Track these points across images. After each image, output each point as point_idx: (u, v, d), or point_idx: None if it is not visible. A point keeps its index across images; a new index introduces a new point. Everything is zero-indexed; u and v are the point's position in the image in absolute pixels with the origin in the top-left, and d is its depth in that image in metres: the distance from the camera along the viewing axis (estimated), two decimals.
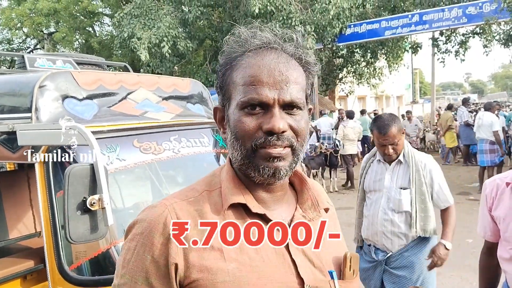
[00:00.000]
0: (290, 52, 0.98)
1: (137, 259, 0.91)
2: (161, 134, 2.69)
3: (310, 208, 1.05)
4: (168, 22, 12.63)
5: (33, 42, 21.68)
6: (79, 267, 2.17)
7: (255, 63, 0.94)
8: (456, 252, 5.70)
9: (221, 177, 1.02)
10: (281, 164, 0.94)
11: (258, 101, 0.92)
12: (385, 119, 2.83)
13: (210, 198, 0.97)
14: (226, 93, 0.99)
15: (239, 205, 0.96)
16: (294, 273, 0.94)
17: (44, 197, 2.20)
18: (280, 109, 0.93)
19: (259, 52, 0.96)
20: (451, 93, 62.63)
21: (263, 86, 0.92)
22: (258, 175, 0.94)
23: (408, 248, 2.82)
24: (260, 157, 0.93)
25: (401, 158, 2.85)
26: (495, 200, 2.10)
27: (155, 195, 2.74)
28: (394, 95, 35.17)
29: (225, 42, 1.02)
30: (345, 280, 1.02)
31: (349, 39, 14.13)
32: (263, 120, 0.92)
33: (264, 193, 1.00)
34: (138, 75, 3.00)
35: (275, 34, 1.00)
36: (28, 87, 2.31)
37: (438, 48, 15.84)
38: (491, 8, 11.30)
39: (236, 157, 0.96)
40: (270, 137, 0.92)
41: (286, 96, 0.92)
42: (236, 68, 0.97)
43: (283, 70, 0.93)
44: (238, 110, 0.94)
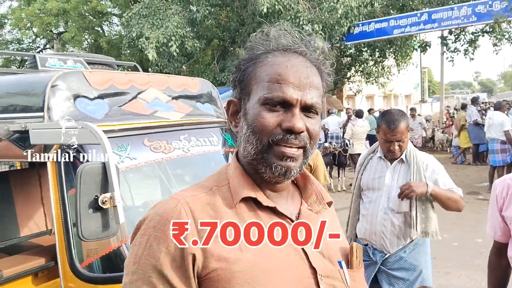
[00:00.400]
0: (314, 60, 1.02)
1: (150, 252, 0.90)
2: (171, 133, 2.71)
3: (315, 202, 1.09)
4: (176, 22, 12.67)
5: (42, 42, 21.88)
6: (90, 265, 2.19)
7: (283, 63, 0.97)
8: (465, 252, 5.69)
9: (228, 174, 1.04)
10: (293, 165, 0.97)
11: (282, 99, 0.94)
12: (395, 114, 2.76)
13: (220, 193, 0.99)
14: (246, 87, 1.01)
15: (250, 199, 0.99)
16: (307, 263, 0.97)
17: (56, 195, 2.23)
18: (300, 110, 0.96)
19: (287, 53, 0.99)
20: (460, 92, 62.15)
21: (288, 85, 0.95)
22: (269, 172, 0.97)
23: (406, 250, 2.76)
24: (274, 155, 0.96)
25: (404, 157, 2.77)
26: (506, 200, 2.08)
27: (165, 194, 2.76)
28: (403, 94, 34.99)
29: (251, 37, 1.04)
30: (353, 269, 1.06)
31: (357, 38, 14.05)
32: (284, 118, 0.95)
33: (270, 190, 1.02)
34: (148, 74, 3.03)
35: (302, 38, 1.03)
36: (40, 87, 2.34)
37: (447, 47, 15.72)
38: (501, 6, 11.19)
39: (250, 151, 0.98)
40: (289, 135, 0.95)
41: (308, 99, 0.96)
42: (261, 64, 0.99)
43: (309, 74, 0.97)
44: (259, 105, 0.96)
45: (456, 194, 2.72)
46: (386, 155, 2.82)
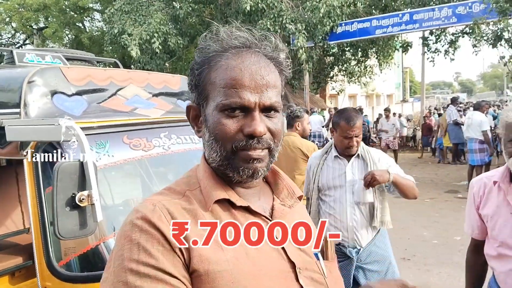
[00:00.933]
0: (269, 55, 1.00)
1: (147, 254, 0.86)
2: (151, 130, 2.68)
3: (287, 196, 1.10)
4: (159, 18, 12.58)
5: (22, 37, 21.46)
6: (68, 263, 2.16)
7: (236, 66, 0.94)
8: (444, 249, 5.78)
9: (198, 176, 1.03)
10: (259, 166, 0.97)
11: (240, 104, 0.93)
12: (352, 111, 2.92)
13: (194, 197, 0.98)
14: (202, 92, 0.99)
15: (224, 200, 0.98)
16: (285, 257, 0.98)
17: (32, 193, 2.18)
18: (260, 112, 0.95)
19: (239, 53, 0.96)
20: (441, 92, 63.11)
21: (245, 90, 0.93)
22: (237, 175, 0.97)
23: (375, 242, 2.87)
24: (240, 159, 0.96)
25: (360, 153, 2.91)
26: (483, 198, 2.13)
27: (145, 192, 2.74)
28: (385, 94, 35.40)
29: (201, 39, 1.01)
30: (329, 260, 1.08)
31: (340, 37, 14.16)
32: (244, 123, 0.94)
33: (242, 189, 1.03)
34: (128, 71, 2.99)
35: (253, 35, 1.00)
36: (17, 83, 2.29)
37: (428, 47, 15.96)
38: (480, 8, 11.41)
39: (215, 158, 0.98)
40: (251, 141, 0.94)
41: (266, 100, 0.95)
42: (215, 68, 0.96)
43: (264, 74, 0.95)
44: (218, 112, 0.95)
45: (411, 181, 2.87)
46: (344, 152, 2.92)
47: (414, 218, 6.36)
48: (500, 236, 2.02)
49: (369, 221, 2.84)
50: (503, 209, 2.02)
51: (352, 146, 2.85)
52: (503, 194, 2.03)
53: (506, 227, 2.00)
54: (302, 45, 12.27)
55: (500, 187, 2.04)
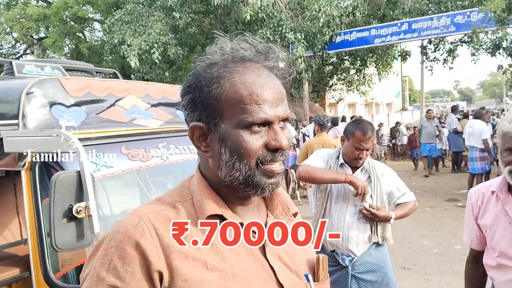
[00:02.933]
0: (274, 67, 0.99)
1: (115, 274, 0.85)
2: (149, 141, 2.68)
3: (281, 213, 1.08)
4: (159, 29, 12.64)
5: (22, 47, 21.55)
6: (65, 275, 2.15)
7: (254, 81, 0.93)
8: (444, 258, 5.75)
9: (191, 188, 1.01)
10: (280, 179, 0.97)
11: (265, 120, 0.92)
12: (368, 123, 2.93)
13: (184, 209, 0.97)
14: (214, 110, 0.94)
15: (215, 216, 0.96)
16: (274, 279, 0.96)
17: (30, 204, 2.18)
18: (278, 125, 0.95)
19: (250, 68, 0.95)
20: (440, 100, 63.21)
21: (266, 105, 0.92)
22: (260, 192, 0.96)
23: (371, 252, 2.87)
24: (264, 175, 0.94)
25: (366, 166, 2.95)
26: (481, 208, 2.12)
27: (143, 203, 2.72)
28: (384, 102, 35.45)
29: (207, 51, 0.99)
30: (320, 282, 1.05)
31: (339, 46, 14.23)
32: (268, 137, 0.93)
33: (239, 205, 1.01)
34: (126, 82, 3.00)
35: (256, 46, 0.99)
36: (16, 94, 2.30)
37: (427, 56, 16.02)
38: (479, 17, 11.46)
39: (237, 177, 0.94)
40: (277, 154, 0.94)
41: (283, 113, 0.95)
42: (229, 83, 0.92)
43: (278, 88, 0.96)
44: (240, 129, 0.92)
45: (409, 205, 2.98)
46: (351, 163, 2.92)
47: (414, 227, 6.33)
48: (499, 246, 2.01)
49: (369, 234, 2.86)
50: (502, 219, 2.01)
51: (361, 158, 2.86)
52: (501, 204, 2.02)
53: (504, 237, 1.99)
54: (301, 54, 12.31)
55: (498, 196, 2.03)
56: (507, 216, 1.99)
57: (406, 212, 2.96)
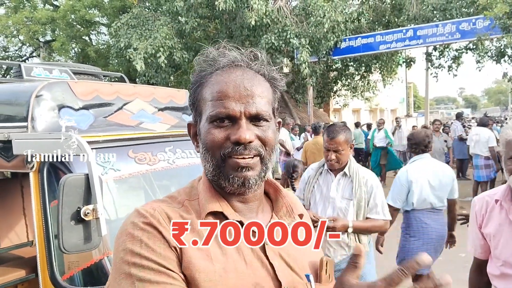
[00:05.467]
0: (255, 69, 1.04)
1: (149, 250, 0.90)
2: (156, 144, 2.70)
3: (285, 215, 1.11)
4: (165, 33, 12.70)
5: (29, 50, 21.68)
6: (71, 277, 2.16)
7: (222, 80, 1.00)
8: (449, 266, 5.73)
9: (198, 188, 1.06)
10: (249, 174, 0.99)
11: (226, 114, 0.97)
12: (337, 126, 3.04)
13: (191, 207, 1.02)
14: (197, 109, 1.05)
15: (218, 213, 1.01)
16: (273, 275, 0.99)
17: (38, 206, 2.20)
18: (247, 121, 0.99)
19: (227, 70, 1.02)
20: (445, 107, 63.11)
21: (229, 100, 0.98)
22: (228, 184, 0.99)
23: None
24: (229, 167, 0.99)
25: (347, 171, 2.99)
26: (485, 217, 2.11)
27: None
28: (388, 109, 35.41)
29: (195, 61, 1.09)
30: (322, 283, 1.06)
31: (344, 52, 14.25)
32: (231, 131, 0.98)
33: (239, 203, 1.04)
34: (134, 86, 3.02)
35: (242, 53, 1.05)
36: (25, 97, 2.32)
37: (432, 63, 16.02)
38: (484, 24, 11.47)
39: (208, 169, 1.02)
40: (238, 147, 0.97)
41: (252, 109, 0.98)
42: (205, 85, 1.03)
43: (247, 86, 0.99)
44: (208, 123, 1.00)
45: (377, 222, 2.96)
46: (327, 165, 3.05)
47: None
48: (502, 255, 2.01)
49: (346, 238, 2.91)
50: (506, 228, 2.00)
51: (330, 159, 2.95)
52: (505, 213, 2.01)
53: (508, 246, 1.98)
54: (306, 59, 12.34)
55: (502, 205, 2.02)
56: (511, 224, 1.98)
57: (368, 226, 2.95)
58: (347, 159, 3.02)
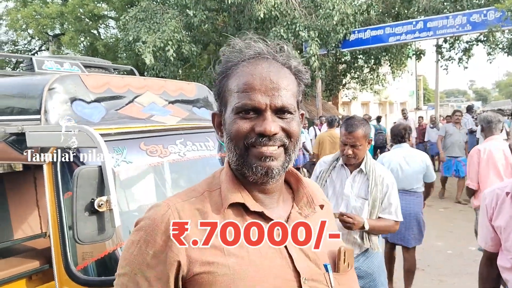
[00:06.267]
0: (281, 61, 1.05)
1: (139, 253, 0.97)
2: (167, 137, 2.72)
3: (305, 205, 1.12)
4: (173, 26, 12.68)
5: (38, 43, 21.80)
6: (85, 268, 2.19)
7: (249, 72, 1.01)
8: (459, 260, 5.71)
9: (220, 178, 1.08)
10: (273, 164, 1.00)
11: (251, 106, 0.99)
12: (356, 119, 2.89)
13: (210, 198, 1.04)
14: (222, 99, 1.06)
15: (238, 205, 1.02)
16: (291, 266, 1.00)
17: (52, 198, 2.23)
18: (272, 113, 1.00)
19: (253, 61, 1.03)
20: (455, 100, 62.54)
21: (256, 93, 0.99)
22: (252, 173, 1.01)
23: (359, 259, 2.83)
24: (253, 156, 1.00)
25: (363, 168, 2.85)
26: (495, 210, 2.10)
27: (160, 198, 2.76)
28: (398, 102, 35.18)
29: (221, 52, 1.10)
30: (340, 272, 1.07)
31: (353, 45, 14.14)
32: (256, 123, 0.99)
33: (261, 193, 1.06)
34: (144, 79, 3.04)
35: (268, 45, 1.06)
36: (38, 89, 2.34)
37: (442, 55, 15.85)
38: (495, 16, 11.31)
39: (232, 158, 1.03)
40: (262, 138, 0.99)
41: (277, 101, 1.00)
42: (231, 76, 1.04)
43: (274, 79, 1.01)
44: (233, 114, 1.01)
45: (388, 222, 2.84)
46: (343, 159, 2.90)
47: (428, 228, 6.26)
48: None
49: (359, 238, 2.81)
50: None
51: (347, 154, 2.80)
52: None
53: None
54: (315, 52, 12.26)
55: None
56: None
57: (380, 226, 2.82)
58: (364, 155, 2.87)
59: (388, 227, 2.87)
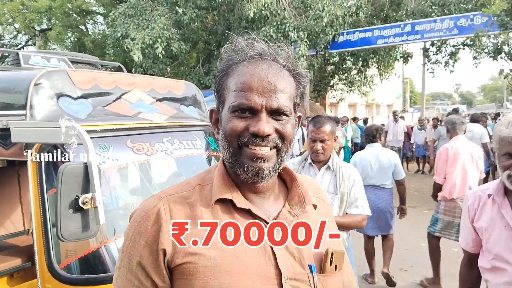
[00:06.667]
0: (281, 63, 1.06)
1: (133, 244, 1.01)
2: (154, 135, 2.70)
3: (296, 204, 1.12)
4: (163, 23, 12.61)
5: (24, 38, 21.49)
6: (68, 266, 2.17)
7: (248, 72, 1.02)
8: (442, 260, 5.77)
9: (214, 173, 1.10)
10: (264, 165, 1.02)
11: (247, 106, 1.00)
12: (323, 117, 3.08)
13: (201, 192, 1.07)
14: (221, 97, 1.08)
15: (227, 201, 1.04)
16: (274, 264, 1.01)
17: (35, 194, 2.20)
18: (268, 114, 1.01)
19: (253, 61, 1.04)
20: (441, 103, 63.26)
21: (252, 93, 1.00)
22: (243, 172, 1.02)
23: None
24: (246, 156, 1.02)
25: (330, 165, 3.00)
26: (477, 211, 2.14)
27: (146, 196, 2.74)
28: (385, 104, 35.48)
29: (223, 50, 1.11)
30: (325, 274, 1.08)
31: (341, 46, 14.22)
32: (251, 122, 1.01)
33: (251, 192, 1.08)
34: (133, 75, 3.02)
35: (269, 46, 1.08)
36: (24, 85, 2.31)
37: (429, 58, 16.02)
38: (482, 21, 11.48)
39: (226, 156, 1.05)
40: (255, 138, 1.00)
41: (273, 103, 1.01)
42: (231, 75, 1.05)
43: (272, 80, 1.02)
44: (230, 113, 1.02)
45: (356, 217, 2.96)
46: (312, 157, 3.04)
47: (412, 229, 6.35)
48: (494, 249, 2.03)
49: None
50: (497, 222, 2.03)
51: (316, 150, 2.94)
52: (497, 207, 2.04)
53: (500, 240, 2.01)
54: (304, 53, 12.30)
55: (495, 200, 2.05)
56: (503, 219, 2.01)
57: (348, 222, 2.92)
58: (331, 152, 3.01)
59: (355, 222, 2.97)
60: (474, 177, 4.75)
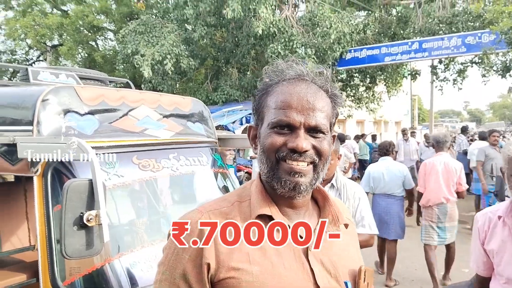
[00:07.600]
0: (319, 84, 1.12)
1: (176, 258, 1.04)
2: (160, 151, 2.70)
3: (330, 222, 1.16)
4: (172, 40, 12.75)
5: (36, 53, 21.81)
6: (72, 283, 2.15)
7: (288, 91, 1.08)
8: (452, 281, 5.66)
9: (251, 190, 1.14)
10: (301, 180, 1.05)
11: (286, 122, 1.05)
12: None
13: (240, 209, 1.10)
14: (260, 114, 1.14)
15: (266, 216, 1.08)
16: (312, 280, 1.05)
17: (41, 210, 2.19)
18: (306, 132, 1.06)
19: (292, 82, 1.10)
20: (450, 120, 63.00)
21: (292, 111, 1.05)
22: (280, 187, 1.06)
23: None
24: (283, 171, 1.06)
25: (334, 183, 2.97)
26: (488, 233, 2.08)
27: (152, 213, 2.73)
28: (393, 120, 35.35)
29: (264, 70, 1.18)
30: None
31: (349, 63, 14.26)
32: (289, 138, 1.05)
33: (288, 208, 1.11)
34: (140, 92, 3.03)
35: (308, 68, 1.14)
36: (31, 100, 2.33)
37: (437, 76, 15.99)
38: (490, 39, 11.46)
39: (263, 170, 1.10)
40: (293, 154, 1.05)
41: (311, 121, 1.06)
42: (271, 94, 1.11)
43: (310, 99, 1.07)
44: (269, 129, 1.08)
45: (363, 236, 2.86)
46: None
47: (422, 249, 6.25)
48: (506, 272, 1.97)
49: None
50: (509, 244, 1.97)
51: None
52: (508, 229, 1.98)
53: (511, 263, 1.95)
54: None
55: (505, 221, 1.99)
56: None
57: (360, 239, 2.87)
58: (334, 170, 2.98)
59: (363, 242, 2.86)
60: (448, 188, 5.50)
